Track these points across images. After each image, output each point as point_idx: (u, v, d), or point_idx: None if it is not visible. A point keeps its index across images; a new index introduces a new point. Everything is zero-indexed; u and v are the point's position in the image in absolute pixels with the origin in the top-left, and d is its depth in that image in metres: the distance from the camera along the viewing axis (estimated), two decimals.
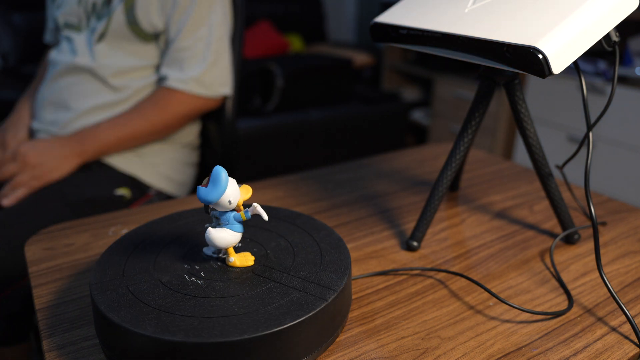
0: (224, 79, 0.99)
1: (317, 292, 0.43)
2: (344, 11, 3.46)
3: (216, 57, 0.96)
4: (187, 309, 0.41)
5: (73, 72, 0.96)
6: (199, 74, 0.95)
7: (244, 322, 0.39)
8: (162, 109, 0.95)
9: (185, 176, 1.08)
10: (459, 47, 0.52)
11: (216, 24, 0.96)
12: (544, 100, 2.09)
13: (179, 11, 0.93)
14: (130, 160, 0.98)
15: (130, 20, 0.93)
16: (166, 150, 1.03)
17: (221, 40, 0.97)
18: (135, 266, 0.46)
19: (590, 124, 0.55)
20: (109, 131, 0.93)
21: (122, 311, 0.40)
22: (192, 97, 0.96)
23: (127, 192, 0.96)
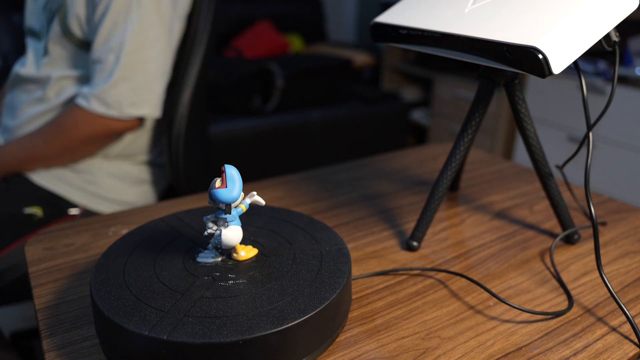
0: (137, 98, 0.85)
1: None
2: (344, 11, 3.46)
3: (127, 72, 0.84)
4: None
5: (19, 82, 0.93)
6: (102, 91, 0.84)
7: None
8: (62, 132, 0.86)
9: (134, 196, 0.99)
10: (459, 47, 0.52)
11: (131, 35, 0.83)
12: (544, 100, 2.09)
13: (96, 16, 0.83)
14: (57, 176, 0.92)
15: (64, 30, 0.87)
16: (106, 168, 0.95)
17: (137, 53, 0.84)
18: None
19: (590, 124, 0.55)
20: (10, 153, 0.88)
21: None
22: (94, 117, 0.85)
23: (38, 210, 0.89)
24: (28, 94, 0.93)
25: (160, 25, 0.86)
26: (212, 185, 0.44)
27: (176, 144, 0.97)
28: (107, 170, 0.95)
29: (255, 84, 1.96)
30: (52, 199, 0.91)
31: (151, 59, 0.86)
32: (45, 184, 0.91)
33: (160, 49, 0.87)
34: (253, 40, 2.61)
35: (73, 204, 0.93)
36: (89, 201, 0.94)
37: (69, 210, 0.92)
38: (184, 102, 0.95)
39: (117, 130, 0.88)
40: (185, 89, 0.95)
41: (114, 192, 0.96)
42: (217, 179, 0.44)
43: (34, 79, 0.92)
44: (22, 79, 0.93)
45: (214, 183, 0.44)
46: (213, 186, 0.44)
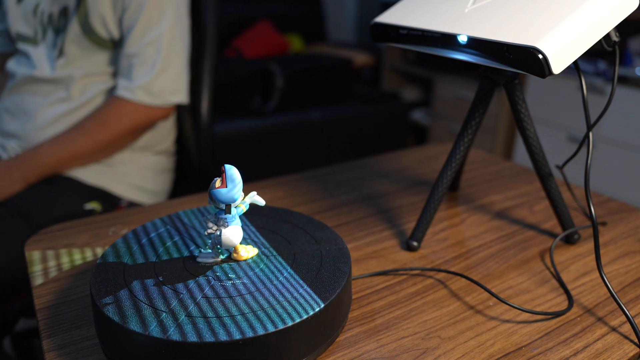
0: (175, 86, 0.93)
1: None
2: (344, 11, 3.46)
3: (167, 63, 0.91)
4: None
5: (33, 83, 0.93)
6: (147, 82, 0.89)
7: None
8: (105, 126, 0.89)
9: (160, 184, 1.04)
10: (459, 47, 0.52)
11: (167, 28, 0.90)
12: (544, 100, 2.09)
13: (128, 15, 0.88)
14: (97, 172, 0.95)
15: (86, 30, 0.89)
16: (137, 159, 0.99)
17: (172, 45, 0.91)
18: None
19: (590, 124, 0.55)
20: (49, 153, 0.89)
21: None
22: (139, 107, 0.90)
23: (97, 205, 0.92)
24: (44, 96, 0.93)
25: (185, 17, 0.94)
26: (212, 185, 0.44)
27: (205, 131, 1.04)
28: (137, 161, 0.99)
29: (255, 84, 1.96)
30: (102, 194, 0.94)
31: (183, 50, 0.94)
32: (91, 180, 0.94)
33: (187, 40, 0.95)
34: (253, 40, 2.61)
35: (118, 196, 0.97)
36: (130, 193, 0.98)
37: (119, 202, 0.96)
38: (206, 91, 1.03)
39: (157, 119, 0.94)
40: (205, 78, 1.03)
41: (146, 182, 1.00)
42: (217, 179, 0.44)
43: (51, 80, 0.92)
44: (35, 80, 0.93)
45: (213, 183, 0.44)
46: (213, 186, 0.44)
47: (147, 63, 0.89)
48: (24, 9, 0.93)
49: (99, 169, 0.95)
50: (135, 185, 0.99)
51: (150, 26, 0.89)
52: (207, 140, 1.05)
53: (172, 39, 0.90)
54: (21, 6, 0.94)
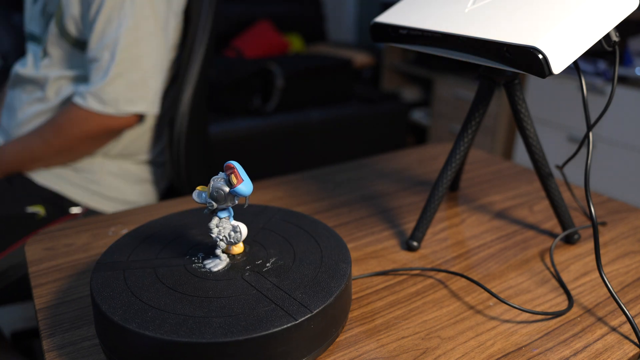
0: (133, 94, 0.85)
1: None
2: (344, 11, 3.46)
3: (122, 68, 0.83)
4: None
5: (19, 82, 0.94)
6: (98, 88, 0.83)
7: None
8: (59, 131, 0.86)
9: (137, 195, 0.99)
10: (459, 47, 0.52)
11: (126, 30, 0.82)
12: (544, 100, 2.09)
13: (90, 16, 0.83)
14: (57, 175, 0.92)
15: (61, 32, 0.87)
16: (108, 166, 0.95)
17: (131, 49, 0.83)
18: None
19: (590, 124, 0.55)
20: (10, 152, 0.88)
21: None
22: (91, 114, 0.85)
23: (40, 209, 0.89)
24: (28, 94, 0.93)
25: (155, 21, 0.85)
26: (218, 184, 0.44)
27: (177, 143, 0.96)
28: (108, 169, 0.95)
29: (255, 84, 1.96)
30: (54, 198, 0.91)
31: (146, 55, 0.85)
32: (46, 183, 0.91)
33: (155, 45, 0.86)
34: (253, 40, 2.61)
35: (75, 202, 0.93)
36: (91, 200, 0.94)
37: (71, 209, 0.92)
38: (185, 101, 0.95)
39: (114, 128, 0.87)
40: (186, 87, 0.95)
41: (115, 191, 0.96)
42: (220, 178, 0.44)
43: (33, 79, 0.92)
44: (22, 79, 0.94)
45: (219, 183, 0.44)
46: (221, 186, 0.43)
47: (102, 68, 0.84)
48: (36, 9, 0.94)
49: (62, 172, 0.92)
50: (99, 193, 0.94)
51: (108, 27, 0.83)
52: (179, 151, 0.97)
53: (132, 42, 0.83)
54: (35, 6, 0.94)
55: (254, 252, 0.49)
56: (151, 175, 1.01)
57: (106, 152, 0.94)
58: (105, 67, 0.84)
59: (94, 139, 0.89)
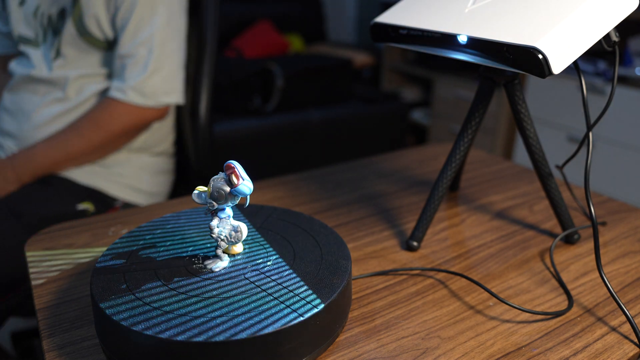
0: (168, 86, 0.91)
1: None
2: (344, 11, 3.46)
3: (159, 63, 0.89)
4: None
5: (31, 82, 0.94)
6: (138, 82, 0.88)
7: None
8: (98, 126, 0.89)
9: (158, 186, 1.03)
10: (459, 47, 0.52)
11: (160, 27, 0.88)
12: (544, 100, 2.09)
13: (120, 14, 0.87)
14: (91, 172, 0.94)
15: (81, 31, 0.89)
16: (133, 160, 0.98)
17: (165, 45, 0.89)
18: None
19: (590, 124, 0.55)
20: (44, 154, 0.89)
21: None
22: (132, 108, 0.89)
23: (90, 206, 0.91)
24: (41, 96, 0.93)
25: (180, 16, 0.92)
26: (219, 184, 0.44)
27: (202, 132, 1.03)
28: (134, 162, 0.98)
29: (255, 84, 1.96)
30: (96, 194, 0.94)
31: (177, 50, 0.92)
32: (85, 181, 0.93)
33: (182, 39, 0.93)
34: (253, 40, 2.61)
35: (113, 197, 0.96)
36: (125, 194, 0.97)
37: (114, 203, 0.96)
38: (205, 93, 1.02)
39: (150, 120, 0.93)
40: (204, 80, 1.02)
41: (143, 184, 0.99)
42: (220, 178, 0.44)
43: (48, 80, 0.92)
44: (33, 80, 0.93)
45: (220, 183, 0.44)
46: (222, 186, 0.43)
47: (139, 63, 0.88)
48: (26, 12, 0.93)
49: (94, 169, 0.95)
50: (131, 186, 0.98)
51: (142, 26, 0.87)
52: (205, 141, 1.04)
53: (164, 38, 0.89)
54: (23, 9, 0.94)
55: (254, 252, 0.49)
56: (169, 166, 1.06)
57: (130, 146, 0.97)
58: (144, 62, 0.88)
59: (131, 132, 0.93)
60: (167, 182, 1.06)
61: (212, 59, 1.02)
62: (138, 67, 0.88)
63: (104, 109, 0.89)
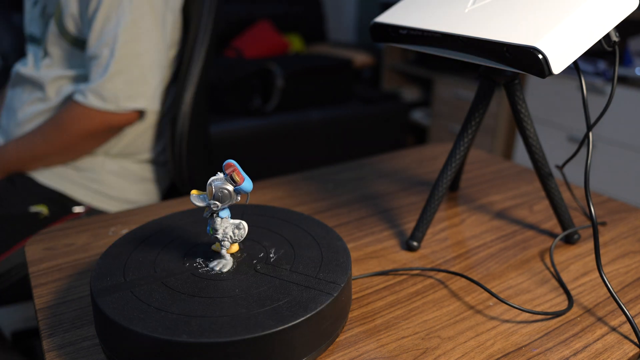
0: (132, 91, 0.85)
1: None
2: (344, 11, 3.46)
3: (122, 65, 0.84)
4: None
5: (21, 80, 0.94)
6: (98, 85, 0.84)
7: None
8: (60, 129, 0.86)
9: (137, 194, 0.99)
10: (459, 47, 0.52)
11: (125, 27, 0.83)
12: (544, 100, 2.09)
13: (89, 12, 0.84)
14: (60, 174, 0.92)
15: (61, 30, 0.88)
16: (110, 165, 0.95)
17: (131, 46, 0.84)
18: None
19: (590, 124, 0.55)
20: (12, 152, 0.88)
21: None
22: (91, 111, 0.85)
23: (44, 209, 0.89)
24: (28, 94, 0.93)
25: (153, 17, 0.86)
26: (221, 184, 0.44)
27: (179, 142, 0.97)
28: (109, 168, 0.95)
29: (255, 84, 1.96)
30: (57, 198, 0.91)
31: (145, 52, 0.86)
32: (49, 182, 0.91)
33: (154, 41, 0.87)
34: (253, 40, 2.61)
35: (77, 202, 0.93)
36: (93, 199, 0.94)
37: (74, 209, 0.92)
38: (186, 100, 0.95)
39: (115, 125, 0.88)
40: (188, 86, 0.95)
41: (117, 190, 0.96)
42: (220, 178, 0.44)
43: (33, 79, 0.92)
44: (23, 79, 0.94)
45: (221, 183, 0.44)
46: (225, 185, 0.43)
47: (101, 65, 0.84)
48: (37, 11, 0.94)
49: (64, 171, 0.92)
50: (101, 192, 0.94)
51: (107, 25, 0.83)
52: (181, 150, 0.97)
53: (130, 39, 0.84)
54: (35, 8, 0.94)
55: (251, 248, 0.49)
56: (153, 174, 1.01)
57: (107, 151, 0.94)
58: (105, 64, 0.84)
59: (95, 136, 0.89)
60: (150, 191, 1.02)
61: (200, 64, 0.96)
62: (100, 68, 0.84)
63: (65, 111, 0.87)
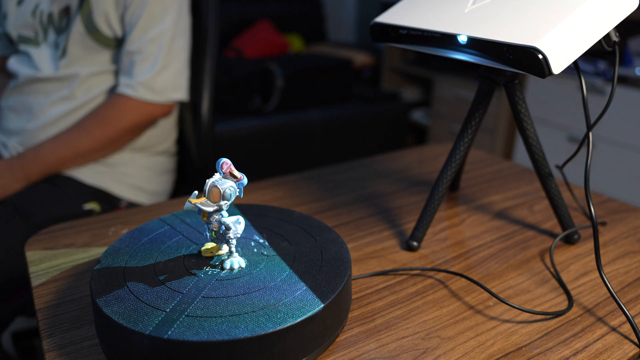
0: (176, 83, 0.93)
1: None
2: (344, 11, 3.46)
3: (168, 60, 0.91)
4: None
5: (36, 83, 0.93)
6: (148, 78, 0.89)
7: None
8: (106, 123, 0.89)
9: (160, 185, 1.03)
10: (459, 47, 0.52)
11: (170, 25, 0.90)
12: (544, 100, 2.09)
13: (131, 11, 0.89)
14: (97, 172, 0.94)
15: (90, 29, 0.89)
16: (137, 159, 0.98)
17: (174, 42, 0.92)
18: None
19: (590, 124, 0.55)
20: (51, 151, 0.89)
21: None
22: (141, 104, 0.90)
23: (96, 205, 0.92)
24: (46, 95, 0.93)
25: (187, 15, 0.94)
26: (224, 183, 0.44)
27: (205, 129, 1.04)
28: (137, 162, 0.98)
29: (255, 84, 1.96)
30: (102, 194, 0.94)
31: (184, 47, 0.94)
32: (91, 180, 0.94)
33: (189, 37, 0.96)
34: (253, 40, 2.61)
35: (118, 197, 0.96)
36: (129, 193, 0.97)
37: (119, 203, 0.96)
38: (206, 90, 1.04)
39: (157, 116, 0.94)
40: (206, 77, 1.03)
41: (146, 183, 1.00)
42: (220, 178, 0.44)
43: (55, 78, 0.92)
44: (37, 80, 0.93)
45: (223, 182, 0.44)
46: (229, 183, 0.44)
47: (149, 60, 0.89)
48: (24, 11, 0.93)
49: (99, 169, 0.95)
50: (135, 186, 0.98)
51: (153, 23, 0.89)
52: (207, 139, 1.05)
53: (174, 36, 0.91)
54: (21, 8, 0.94)
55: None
56: (169, 166, 1.06)
57: (132, 146, 0.97)
58: (154, 59, 0.89)
59: (137, 129, 0.93)
60: (169, 182, 1.07)
61: (213, 57, 1.03)
62: (147, 63, 0.89)
63: (112, 106, 0.90)
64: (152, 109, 0.92)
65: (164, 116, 0.95)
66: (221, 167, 0.44)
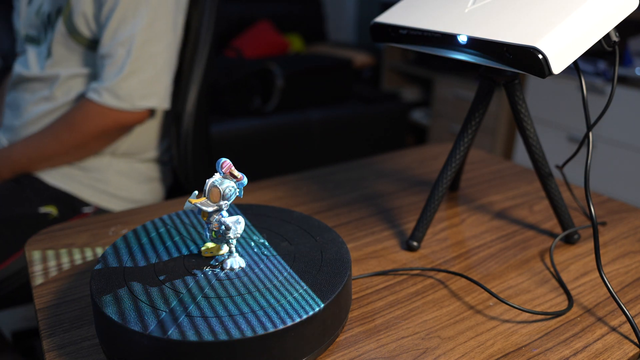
0: (146, 90, 0.87)
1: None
2: (344, 11, 3.46)
3: (137, 65, 0.86)
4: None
5: (24, 81, 0.93)
6: (113, 84, 0.85)
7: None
8: (72, 127, 0.87)
9: (143, 194, 0.99)
10: (459, 47, 0.52)
11: (141, 28, 0.85)
12: (544, 100, 2.09)
13: (104, 12, 0.85)
14: (67, 175, 0.92)
15: (70, 30, 0.88)
16: (116, 165, 0.95)
17: (146, 47, 0.86)
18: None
19: (590, 124, 0.55)
20: (21, 152, 0.88)
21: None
22: (105, 110, 0.86)
23: (53, 209, 0.89)
24: (32, 93, 0.93)
25: (167, 19, 0.88)
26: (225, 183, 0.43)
27: (185, 139, 0.99)
28: (115, 168, 0.95)
29: (255, 84, 1.96)
30: (65, 198, 0.91)
31: (160, 52, 0.88)
32: (56, 183, 0.92)
33: (167, 42, 0.89)
34: (253, 40, 2.61)
35: (85, 202, 0.93)
36: (100, 199, 0.94)
37: (83, 209, 0.93)
38: (191, 98, 0.97)
39: (127, 123, 0.89)
40: (192, 85, 0.98)
41: (123, 190, 0.96)
42: (220, 178, 0.44)
43: (39, 78, 0.92)
44: (26, 79, 0.93)
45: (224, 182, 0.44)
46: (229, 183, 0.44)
47: (117, 64, 0.85)
48: (31, 10, 0.93)
49: (70, 172, 0.92)
50: (108, 192, 0.95)
51: (123, 25, 0.85)
52: (186, 149, 0.99)
53: (146, 40, 0.86)
54: (30, 8, 0.94)
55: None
56: (158, 174, 1.02)
57: (113, 150, 0.95)
58: (121, 64, 0.85)
59: (107, 135, 0.90)
60: (156, 191, 1.02)
61: (204, 64, 0.98)
62: (115, 68, 0.85)
63: (78, 110, 0.87)
64: (118, 116, 0.87)
65: (137, 123, 0.91)
66: (221, 167, 0.44)
